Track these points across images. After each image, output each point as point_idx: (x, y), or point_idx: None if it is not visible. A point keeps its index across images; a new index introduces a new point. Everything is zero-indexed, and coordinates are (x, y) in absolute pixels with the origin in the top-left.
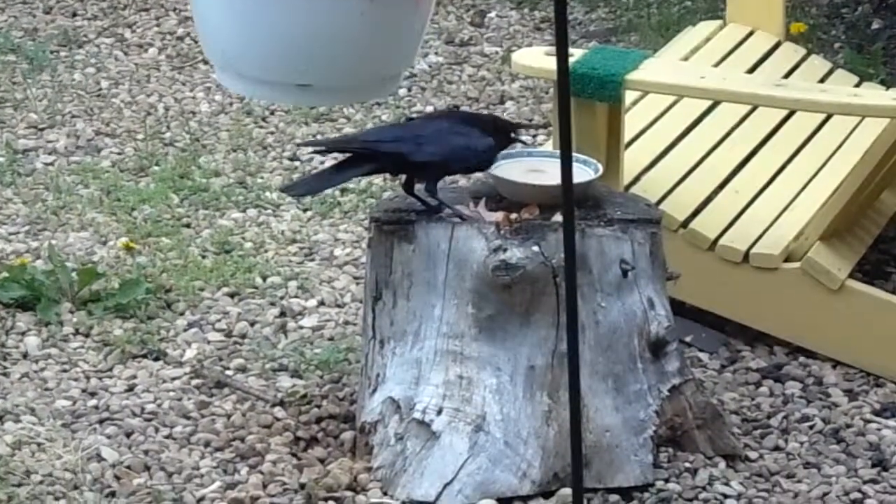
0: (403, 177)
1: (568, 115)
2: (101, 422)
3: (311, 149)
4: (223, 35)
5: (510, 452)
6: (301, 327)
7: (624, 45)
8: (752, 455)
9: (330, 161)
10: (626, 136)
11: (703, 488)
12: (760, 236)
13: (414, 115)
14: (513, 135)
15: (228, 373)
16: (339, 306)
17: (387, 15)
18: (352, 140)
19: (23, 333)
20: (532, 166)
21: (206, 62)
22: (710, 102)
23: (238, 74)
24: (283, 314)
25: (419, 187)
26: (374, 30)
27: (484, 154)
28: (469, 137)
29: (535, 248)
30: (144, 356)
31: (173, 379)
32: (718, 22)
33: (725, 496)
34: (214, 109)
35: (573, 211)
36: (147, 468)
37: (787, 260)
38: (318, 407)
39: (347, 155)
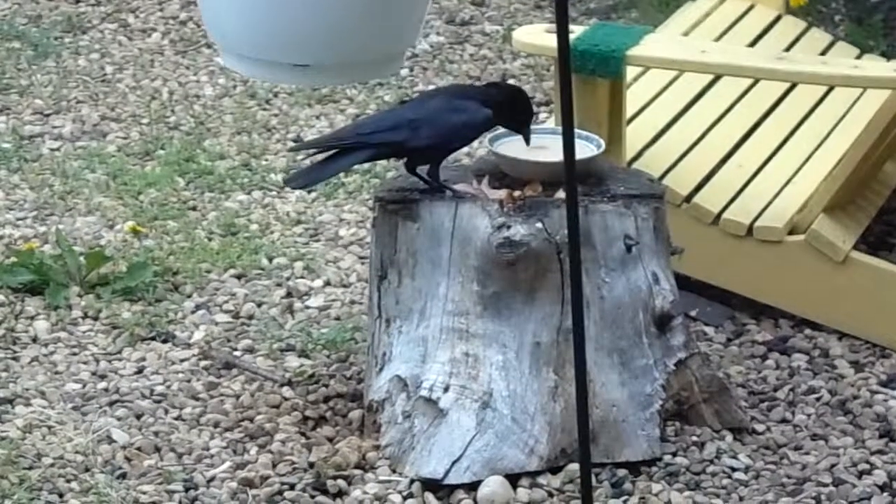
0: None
1: (569, 92)
2: (111, 404)
3: (315, 132)
4: (225, 16)
5: (517, 429)
6: (307, 307)
7: (624, 22)
8: (760, 428)
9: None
10: (628, 112)
11: (711, 461)
12: (764, 209)
13: (406, 98)
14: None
15: (236, 354)
16: (344, 286)
17: None
18: (347, 135)
19: (32, 318)
20: (535, 143)
21: (209, 46)
22: (711, 77)
23: (240, 56)
24: (289, 295)
25: (422, 167)
26: (373, 9)
27: (483, 126)
28: (466, 113)
29: (539, 225)
30: (153, 338)
31: (182, 360)
32: None
33: (733, 469)
34: (218, 93)
35: (576, 187)
36: (157, 449)
37: (791, 233)
38: (326, 386)
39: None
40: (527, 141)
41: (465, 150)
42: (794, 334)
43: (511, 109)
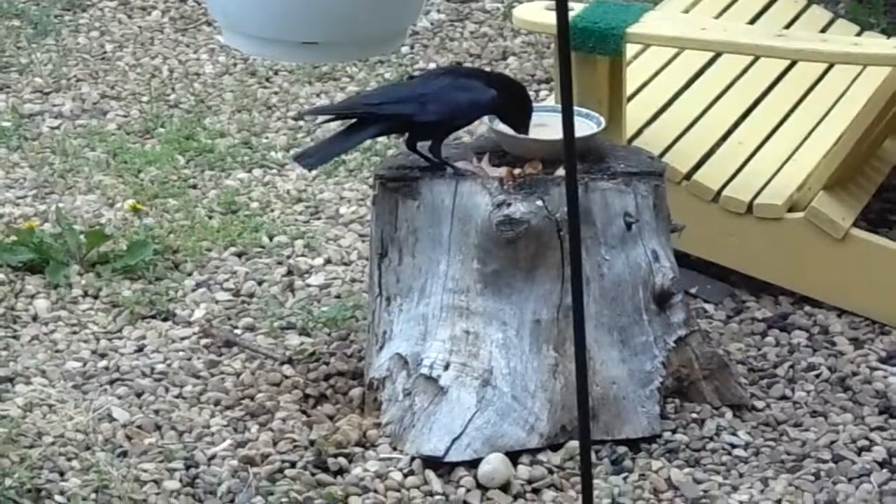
0: (407, 134)
1: (569, 70)
2: (111, 382)
3: (333, 117)
4: None
5: (517, 406)
6: (308, 285)
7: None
8: (759, 404)
9: (336, 124)
10: (628, 90)
11: (711, 438)
12: (764, 187)
13: (415, 73)
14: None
15: (237, 332)
16: (345, 264)
17: None
18: (355, 104)
19: (32, 296)
20: (535, 121)
21: (209, 24)
22: (711, 54)
23: (243, 34)
24: (290, 273)
25: (422, 144)
26: None
27: (488, 107)
28: (472, 92)
29: (539, 203)
30: (153, 317)
31: (182, 339)
32: None
33: (733, 446)
34: (219, 71)
35: (576, 165)
36: (158, 428)
37: (790, 210)
38: (327, 364)
39: (353, 119)
40: (525, 132)
41: (466, 128)
42: (793, 311)
43: (511, 97)
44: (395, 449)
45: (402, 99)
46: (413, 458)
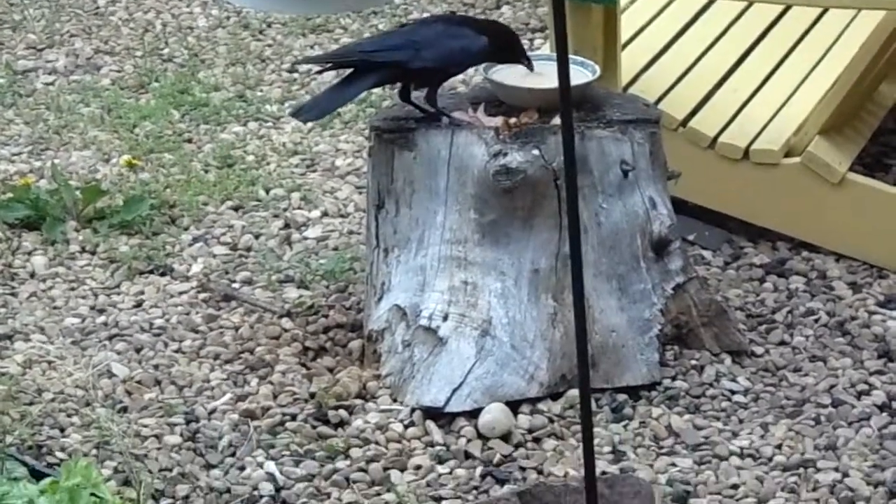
0: (400, 85)
1: (563, 18)
2: (110, 338)
3: (328, 67)
4: None
5: (517, 356)
6: (305, 238)
7: None
8: (758, 350)
9: (331, 76)
10: (623, 37)
11: (710, 385)
12: (760, 132)
13: (406, 22)
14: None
15: (235, 286)
16: (342, 216)
17: None
18: (350, 52)
19: (29, 253)
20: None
21: None
22: (705, 1)
23: None
24: (287, 226)
25: (416, 95)
26: None
27: (479, 55)
28: (464, 39)
29: (536, 152)
30: (151, 272)
31: (180, 293)
32: None
33: (732, 392)
34: (212, 24)
35: (571, 114)
36: (158, 383)
37: (787, 155)
38: (325, 317)
39: (349, 71)
40: (530, 67)
41: (461, 77)
42: (791, 256)
43: (504, 43)
44: (395, 400)
45: (396, 46)
46: (413, 410)
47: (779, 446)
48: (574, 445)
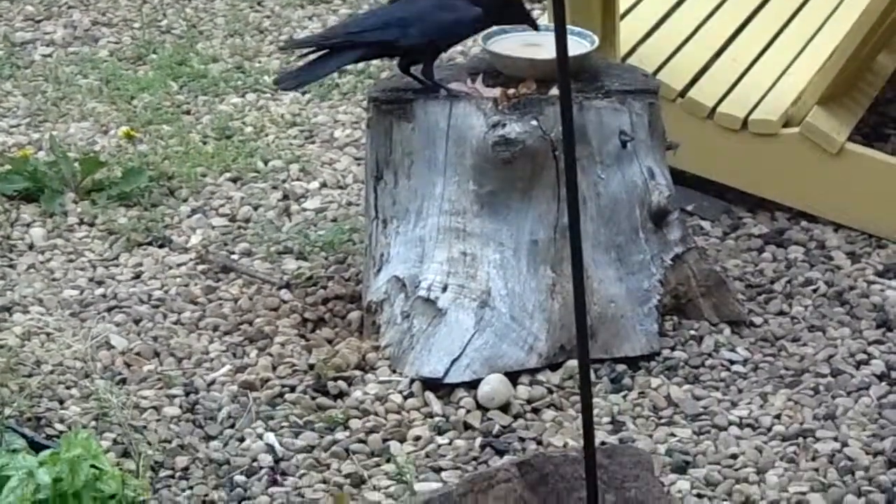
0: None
1: None
2: (109, 310)
3: (308, 32)
4: None
5: (516, 326)
6: (304, 209)
7: None
8: (757, 320)
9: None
10: (621, 7)
11: (709, 355)
12: (758, 102)
13: None
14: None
15: (234, 257)
16: (341, 188)
17: None
18: (337, 34)
19: (28, 225)
20: (528, 41)
21: None
22: None
23: None
24: (285, 197)
25: (416, 67)
26: None
27: (474, 25)
28: (456, 11)
29: (534, 123)
30: (149, 243)
31: (179, 265)
32: None
33: (732, 362)
34: None
35: (569, 84)
36: (157, 354)
37: (785, 125)
38: (324, 288)
39: None
40: (534, 27)
41: (459, 48)
42: (790, 226)
43: (501, 6)
44: (394, 371)
45: (383, 24)
46: (412, 381)
47: (778, 416)
48: (573, 416)
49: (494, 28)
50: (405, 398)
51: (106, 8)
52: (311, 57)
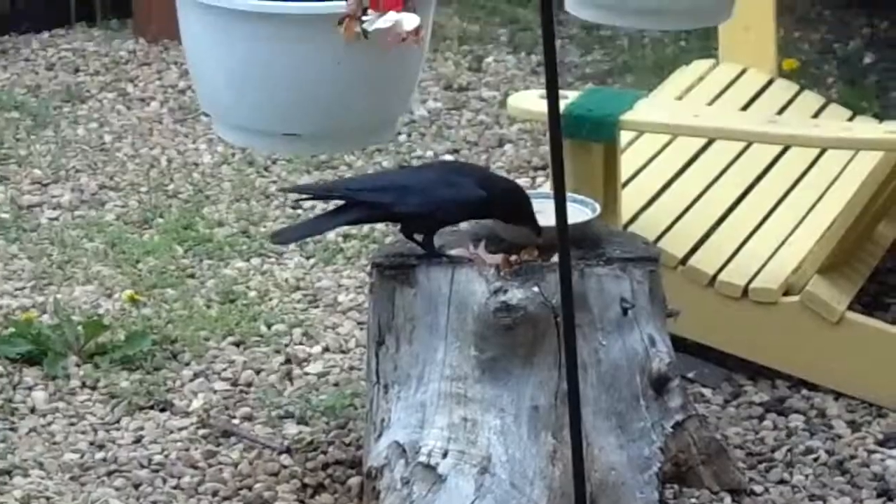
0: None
1: (560, 157)
2: (109, 474)
3: (312, 196)
4: (215, 88)
5: (517, 493)
6: (306, 374)
7: (620, 87)
8: (758, 489)
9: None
10: (623, 176)
11: None
12: (759, 271)
13: (409, 162)
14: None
15: (235, 421)
16: (343, 352)
17: (369, 63)
18: (336, 187)
19: (30, 388)
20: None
21: (207, 114)
22: (705, 140)
23: (233, 126)
24: (288, 361)
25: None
26: (356, 78)
27: (476, 207)
28: (459, 189)
29: (536, 289)
30: (151, 407)
31: (180, 429)
32: (711, 61)
33: None
34: (217, 160)
35: (568, 253)
36: None
37: (786, 294)
38: (325, 453)
39: (338, 203)
40: (536, 232)
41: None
42: (790, 395)
43: (507, 202)
44: None
45: (382, 187)
46: None
47: None
48: None
49: None
50: None
51: (114, 172)
52: (310, 216)
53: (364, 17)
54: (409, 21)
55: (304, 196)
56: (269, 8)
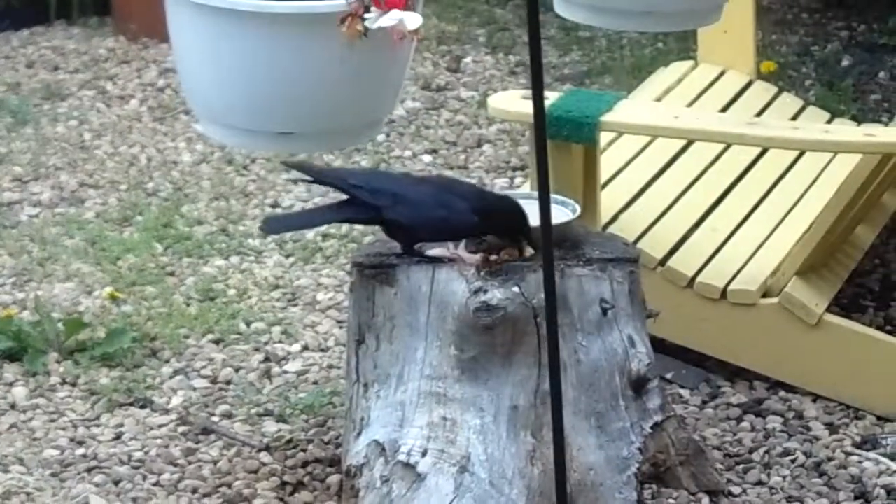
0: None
1: (545, 159)
2: (88, 470)
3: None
4: (206, 86)
5: (495, 493)
6: (285, 372)
7: (598, 88)
8: (736, 490)
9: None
10: (603, 177)
11: None
12: (738, 273)
13: (408, 171)
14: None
15: (214, 419)
16: (322, 350)
17: (366, 62)
18: (338, 176)
19: (10, 384)
20: None
21: (187, 112)
22: (684, 142)
23: (221, 124)
24: (267, 359)
25: None
26: (354, 76)
27: (465, 231)
28: (450, 211)
29: (516, 289)
30: (131, 404)
31: (160, 426)
32: (690, 62)
33: None
34: (196, 159)
35: (552, 253)
36: None
37: (764, 295)
38: (304, 451)
39: (327, 201)
40: (521, 252)
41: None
42: (768, 396)
43: (501, 225)
44: None
45: (379, 189)
46: None
47: None
48: None
49: None
50: None
51: (93, 170)
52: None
53: (366, 15)
54: (412, 20)
55: (304, 177)
56: (270, 8)
